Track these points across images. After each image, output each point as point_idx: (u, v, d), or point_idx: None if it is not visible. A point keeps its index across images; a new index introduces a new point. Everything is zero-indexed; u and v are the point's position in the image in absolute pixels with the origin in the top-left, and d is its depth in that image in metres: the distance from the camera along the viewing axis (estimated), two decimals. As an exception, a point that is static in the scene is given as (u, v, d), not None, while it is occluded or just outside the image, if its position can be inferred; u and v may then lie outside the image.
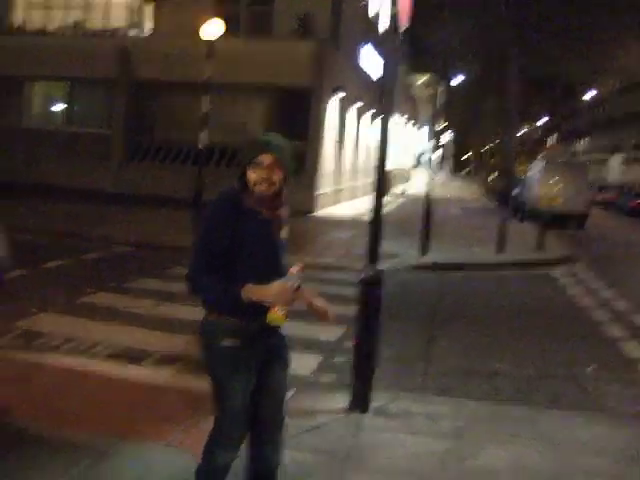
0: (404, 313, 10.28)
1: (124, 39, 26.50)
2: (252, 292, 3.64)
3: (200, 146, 17.11)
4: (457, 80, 38.86)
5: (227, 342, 3.78)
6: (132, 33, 27.17)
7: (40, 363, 6.82)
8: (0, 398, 5.81)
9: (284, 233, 4.00)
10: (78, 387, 6.27)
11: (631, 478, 5.22)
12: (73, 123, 27.86)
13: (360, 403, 6.04)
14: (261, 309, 3.66)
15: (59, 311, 8.94)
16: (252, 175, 3.73)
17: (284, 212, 3.95)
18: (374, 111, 32.77)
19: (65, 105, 28.59)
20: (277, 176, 3.75)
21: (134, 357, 7.23)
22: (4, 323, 8.12)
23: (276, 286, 3.67)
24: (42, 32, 27.73)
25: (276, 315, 3.69)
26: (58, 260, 12.10)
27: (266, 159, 3.72)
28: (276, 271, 3.80)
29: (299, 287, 3.83)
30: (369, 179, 34.44)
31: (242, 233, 3.73)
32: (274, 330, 3.88)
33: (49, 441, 5.09)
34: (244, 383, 3.85)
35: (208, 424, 5.51)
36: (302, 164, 24.10)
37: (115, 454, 4.95)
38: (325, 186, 25.83)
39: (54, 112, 29.01)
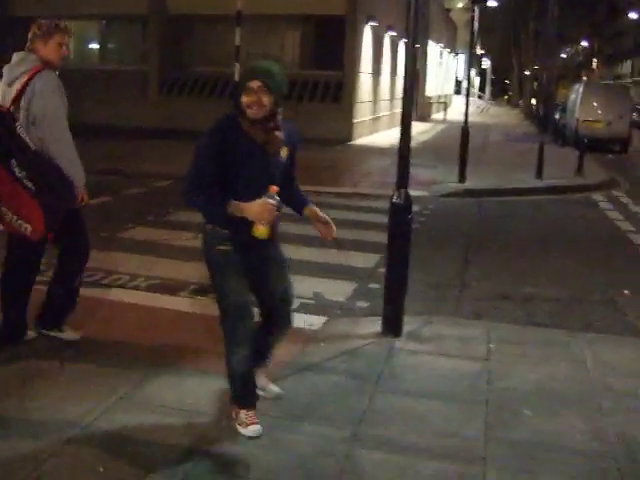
0: (440, 239, 10.33)
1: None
2: (236, 209, 4.04)
3: (236, 78, 17.06)
4: (494, 2, 37.95)
5: (221, 247, 4.25)
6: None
7: (82, 295, 7.02)
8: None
9: (283, 153, 4.30)
10: (119, 317, 6.46)
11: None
12: (108, 61, 27.94)
13: (393, 328, 6.15)
14: (250, 223, 4.07)
15: (100, 247, 9.12)
16: (244, 99, 4.05)
17: (279, 134, 4.21)
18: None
19: (100, 44, 28.64)
20: (266, 99, 4.03)
21: (172, 288, 7.41)
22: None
23: (257, 204, 4.02)
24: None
25: (259, 230, 4.09)
26: (100, 197, 12.30)
27: (254, 84, 4.02)
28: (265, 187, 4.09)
29: (279, 209, 4.18)
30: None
31: (238, 154, 4.09)
32: (266, 242, 4.24)
33: (89, 368, 5.31)
34: (234, 283, 4.30)
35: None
36: (338, 93, 23.96)
37: (154, 381, 5.13)
38: (362, 115, 25.69)
39: (89, 51, 29.10)
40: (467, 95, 17.89)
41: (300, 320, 6.54)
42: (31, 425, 4.43)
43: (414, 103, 6.89)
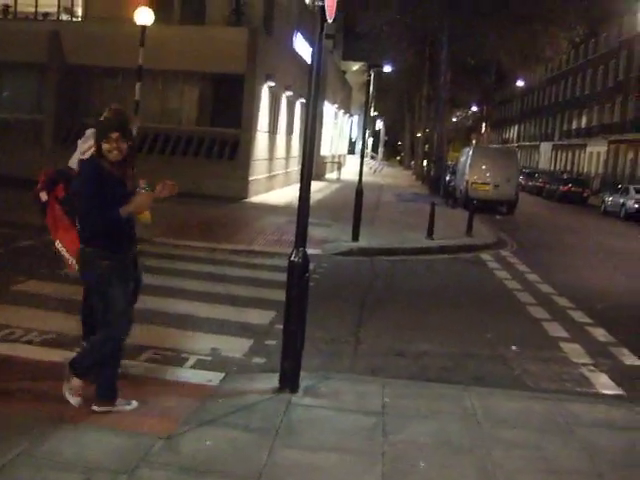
0: (335, 296, 10.51)
1: (55, 24, 26.14)
2: (126, 208, 5.24)
3: (134, 132, 17.04)
4: (389, 68, 39.17)
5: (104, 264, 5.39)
6: (63, 17, 26.83)
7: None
8: None
9: (140, 182, 5.45)
10: (12, 372, 6.31)
11: (547, 447, 5.52)
12: (3, 109, 27.40)
13: (290, 383, 6.24)
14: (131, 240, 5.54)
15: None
16: (106, 146, 5.30)
17: (130, 170, 5.48)
18: (305, 100, 32.95)
19: (-6, 91, 28.10)
20: (123, 146, 5.32)
21: (67, 343, 7.28)
22: None
23: (139, 197, 5.31)
24: (-29, 15, 27.21)
25: (145, 215, 5.51)
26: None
27: (114, 135, 5.29)
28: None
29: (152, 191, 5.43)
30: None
31: (106, 188, 5.27)
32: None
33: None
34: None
35: (145, 404, 5.70)
36: (235, 151, 24.15)
37: (52, 437, 5.04)
38: (258, 172, 25.93)
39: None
40: (362, 155, 18.30)
41: (198, 376, 6.58)
42: None
43: (312, 166, 7.00)
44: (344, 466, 4.97)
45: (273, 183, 28.80)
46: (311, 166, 6.27)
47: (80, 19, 26.80)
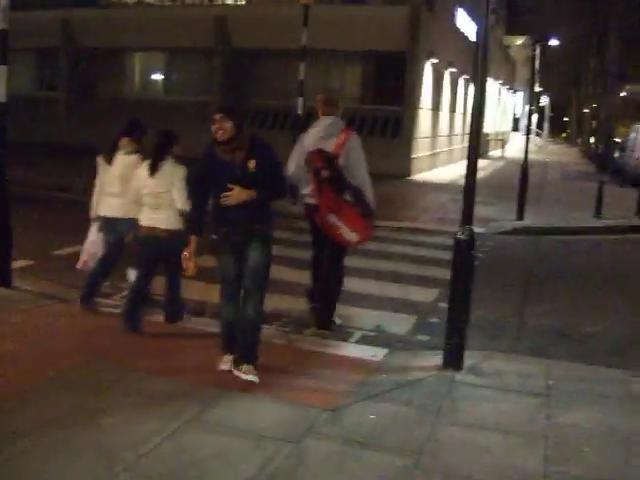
0: (499, 276, 10.38)
1: (221, 8, 26.93)
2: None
3: (299, 112, 17.36)
4: (555, 41, 37.89)
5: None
6: (229, 2, 27.60)
7: (148, 320, 7.26)
8: (114, 352, 6.26)
9: (251, 165, 5.54)
10: (183, 344, 6.69)
11: None
12: (172, 92, 28.57)
13: (453, 361, 6.25)
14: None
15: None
16: (212, 128, 5.48)
17: (241, 154, 5.54)
18: (468, 77, 32.49)
19: (164, 75, 29.32)
20: (227, 125, 5.43)
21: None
22: (114, 283, 8.61)
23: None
24: (141, 3, 28.42)
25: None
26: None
27: (216, 116, 5.47)
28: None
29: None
30: (465, 143, 34.21)
31: (214, 171, 5.64)
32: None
33: (158, 390, 5.52)
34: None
35: (312, 377, 5.87)
36: (398, 129, 24.15)
37: (223, 404, 5.32)
38: (421, 150, 25.84)
39: (154, 82, 29.81)
40: (527, 133, 17.93)
41: (363, 351, 6.70)
42: (104, 442, 4.64)
43: (480, 142, 6.96)
44: (506, 447, 4.94)
45: (436, 161, 28.63)
46: (479, 143, 6.22)
47: (244, 2, 27.50)
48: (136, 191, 6.79)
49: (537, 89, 50.54)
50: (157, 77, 29.93)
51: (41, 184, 16.78)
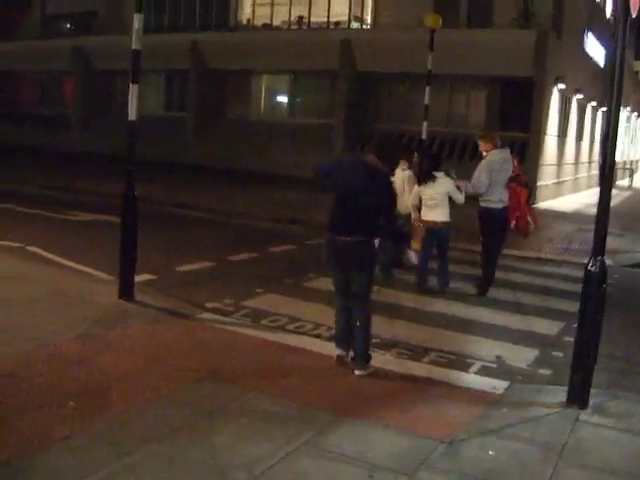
0: (626, 311, 9.91)
1: (346, 32, 27.11)
2: None
3: (423, 136, 17.23)
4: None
5: None
6: (354, 25, 27.76)
7: (265, 339, 7.26)
8: (229, 370, 6.26)
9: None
10: (300, 364, 6.60)
11: None
12: (296, 114, 28.92)
13: (578, 399, 5.95)
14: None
15: (284, 293, 9.40)
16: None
17: None
18: (596, 103, 31.60)
19: (289, 97, 29.75)
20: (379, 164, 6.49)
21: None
22: (234, 301, 8.68)
23: None
24: (268, 27, 28.95)
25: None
26: (283, 245, 12.69)
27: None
28: None
29: None
30: (592, 172, 33.19)
31: None
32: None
33: (273, 411, 5.47)
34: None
35: (428, 407, 5.72)
36: (523, 155, 23.66)
37: (335, 430, 5.21)
38: (546, 178, 25.20)
39: (279, 103, 30.27)
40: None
41: (482, 382, 6.48)
42: (217, 461, 4.60)
43: (613, 171, 6.68)
44: (633, 492, 4.66)
45: (561, 189, 27.87)
46: (612, 172, 5.92)
47: (369, 26, 27.61)
48: (415, 197, 10.03)
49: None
50: (282, 99, 30.38)
51: (168, 201, 17.20)
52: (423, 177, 9.89)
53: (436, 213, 9.81)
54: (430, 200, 9.82)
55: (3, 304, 7.72)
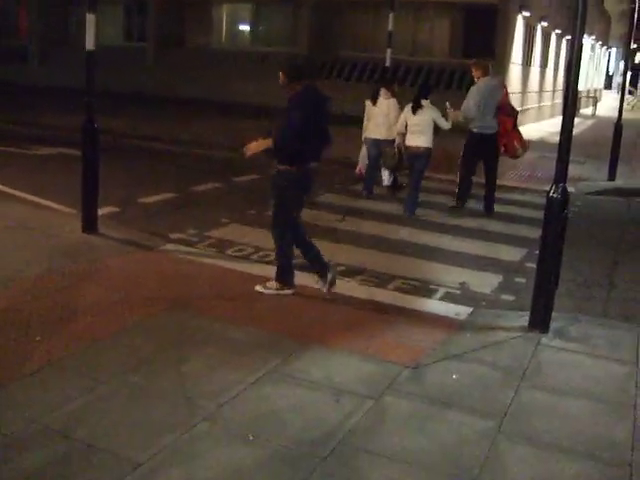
0: (588, 237, 10.05)
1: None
2: None
3: (387, 64, 17.04)
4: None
5: None
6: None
7: (230, 269, 7.28)
8: (195, 300, 6.28)
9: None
10: (265, 294, 6.63)
11: None
12: (259, 43, 28.47)
13: (540, 323, 6.07)
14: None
15: (248, 223, 9.39)
16: None
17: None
18: (561, 31, 31.47)
19: (251, 26, 29.25)
20: (281, 77, 6.55)
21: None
22: (199, 232, 8.66)
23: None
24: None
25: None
26: (247, 175, 12.60)
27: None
28: None
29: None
30: (556, 100, 33.25)
31: None
32: None
33: (239, 340, 5.51)
34: None
35: (393, 333, 5.80)
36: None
37: (301, 357, 5.28)
38: (509, 107, 25.18)
39: (241, 32, 29.77)
40: (622, 90, 17.25)
41: (446, 309, 6.57)
42: (185, 390, 4.65)
43: (576, 99, 6.68)
44: (592, 414, 4.79)
45: (525, 118, 27.88)
46: (575, 100, 5.92)
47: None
48: (402, 124, 10.54)
49: (633, 45, 48.78)
50: (244, 28, 29.84)
51: (129, 133, 16.96)
52: (413, 105, 10.40)
53: (420, 139, 10.33)
54: (415, 126, 10.34)
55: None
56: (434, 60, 24.77)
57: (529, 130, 25.59)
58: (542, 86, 31.14)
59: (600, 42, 52.55)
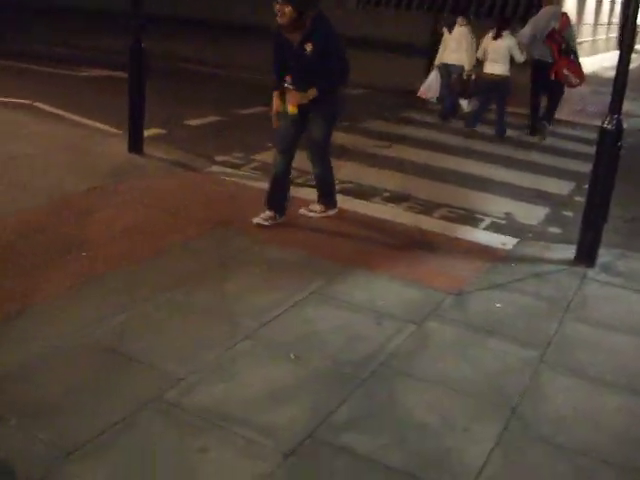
0: (637, 174, 9.82)
1: None
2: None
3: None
4: None
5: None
6: None
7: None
8: (239, 221, 6.28)
9: (308, 48, 5.82)
10: (308, 218, 6.61)
11: None
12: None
13: (586, 257, 5.98)
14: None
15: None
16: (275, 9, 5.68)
17: (298, 35, 5.82)
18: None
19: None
20: (286, 9, 5.61)
21: (366, 193, 7.49)
22: (244, 154, 8.63)
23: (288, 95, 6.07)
24: None
25: (291, 109, 6.06)
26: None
27: (278, 2, 5.64)
28: (298, 73, 6.00)
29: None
30: (611, 34, 32.32)
31: (281, 50, 6.03)
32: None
33: (282, 261, 5.54)
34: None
35: (437, 260, 5.77)
36: (530, 12, 22.92)
37: (344, 280, 5.27)
38: (563, 39, 24.52)
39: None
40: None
41: (492, 238, 6.50)
42: (227, 308, 4.67)
43: (636, 31, 6.49)
44: (636, 350, 4.72)
45: (579, 50, 27.16)
46: (634, 29, 5.71)
47: None
48: (483, 50, 11.00)
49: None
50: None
51: (177, 56, 16.85)
52: (495, 33, 10.91)
53: (497, 66, 10.85)
54: (494, 53, 10.85)
55: (14, 159, 7.69)
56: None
57: (584, 63, 24.95)
58: (597, 19, 30.26)
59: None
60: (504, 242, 6.39)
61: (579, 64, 11.52)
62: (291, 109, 6.06)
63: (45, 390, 3.67)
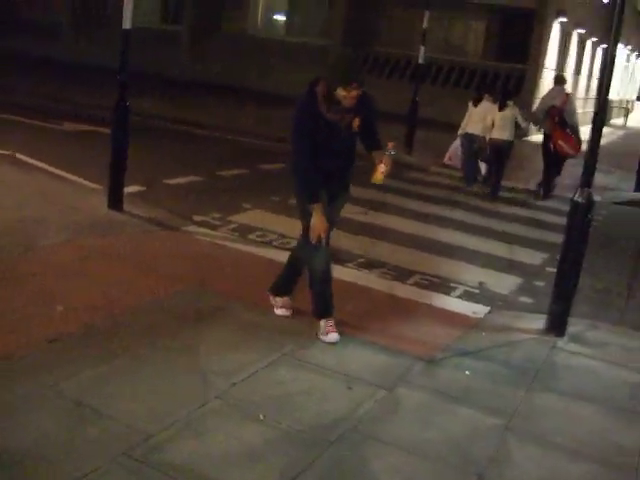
0: (610, 245, 10.01)
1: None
2: (313, 212, 5.24)
3: (420, 61, 17.03)
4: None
5: None
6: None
7: (252, 253, 7.34)
8: (216, 281, 6.33)
9: (355, 124, 5.22)
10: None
11: None
12: (294, 33, 28.46)
13: (556, 326, 6.07)
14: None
15: (271, 209, 9.44)
16: (342, 93, 4.99)
17: (350, 115, 5.17)
18: (596, 39, 31.23)
19: (287, 15, 29.25)
20: (359, 90, 5.00)
21: (341, 259, 7.56)
22: (222, 215, 8.72)
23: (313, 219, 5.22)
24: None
25: (377, 178, 5.33)
26: (274, 163, 12.63)
27: (356, 87, 4.98)
28: (342, 155, 5.35)
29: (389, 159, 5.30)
30: (587, 109, 33.02)
31: (317, 128, 5.12)
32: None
33: (256, 322, 5.57)
34: None
35: (409, 326, 5.82)
36: (519, 87, 23.46)
37: (317, 343, 5.33)
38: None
39: (277, 21, 29.75)
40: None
41: (464, 306, 6.59)
42: (199, 367, 4.71)
43: (606, 107, 6.71)
44: (602, 420, 4.78)
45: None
46: (605, 108, 5.94)
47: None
48: (491, 119, 12.43)
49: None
50: (280, 17, 29.84)
51: (160, 115, 17.03)
52: (500, 104, 12.57)
53: (503, 132, 12.41)
54: (500, 121, 12.44)
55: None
56: (468, 61, 24.71)
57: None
58: (575, 93, 30.95)
59: (636, 52, 52.06)
60: (475, 311, 6.47)
61: (577, 137, 12.84)
62: (382, 178, 5.40)
63: (12, 441, 3.67)
